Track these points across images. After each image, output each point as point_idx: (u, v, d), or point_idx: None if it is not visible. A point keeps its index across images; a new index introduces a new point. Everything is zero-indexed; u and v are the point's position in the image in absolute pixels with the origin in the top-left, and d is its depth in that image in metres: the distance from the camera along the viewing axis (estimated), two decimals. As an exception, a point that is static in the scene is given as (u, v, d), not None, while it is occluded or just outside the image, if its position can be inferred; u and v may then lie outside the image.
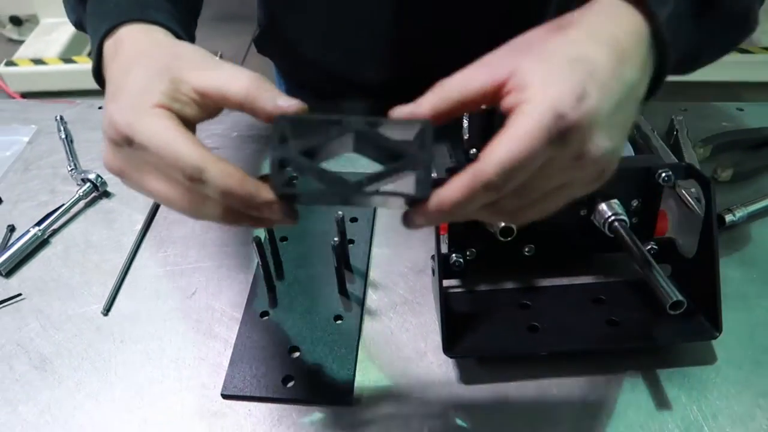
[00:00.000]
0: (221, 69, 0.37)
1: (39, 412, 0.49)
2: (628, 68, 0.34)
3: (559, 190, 0.35)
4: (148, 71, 0.37)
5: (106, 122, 0.37)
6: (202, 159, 0.34)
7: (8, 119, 0.81)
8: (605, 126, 0.32)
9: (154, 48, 0.41)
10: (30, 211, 0.67)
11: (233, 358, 0.52)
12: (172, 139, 0.34)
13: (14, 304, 0.57)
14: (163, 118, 0.35)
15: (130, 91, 0.37)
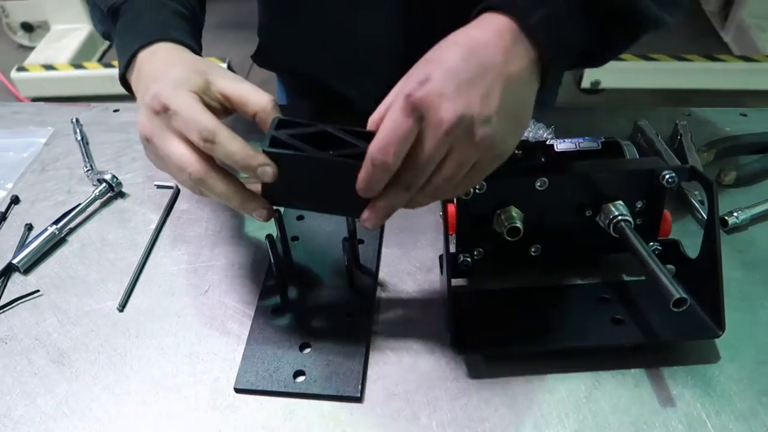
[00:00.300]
0: (245, 83, 0.48)
1: (57, 404, 0.50)
2: (482, 54, 0.42)
3: (458, 166, 0.43)
4: (187, 69, 0.48)
5: (149, 96, 0.46)
6: (216, 126, 0.44)
7: (25, 121, 0.83)
8: (453, 97, 0.41)
9: (187, 56, 0.52)
10: (47, 210, 0.69)
11: (246, 354, 0.53)
12: (198, 110, 0.45)
13: (32, 300, 0.59)
14: (195, 97, 0.46)
15: (172, 78, 0.47)
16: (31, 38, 2.91)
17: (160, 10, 0.56)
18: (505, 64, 0.43)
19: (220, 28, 2.84)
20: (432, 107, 0.41)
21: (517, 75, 0.43)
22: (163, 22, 0.55)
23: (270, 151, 0.43)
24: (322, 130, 0.44)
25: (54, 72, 2.57)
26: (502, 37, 0.43)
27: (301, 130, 0.44)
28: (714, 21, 2.91)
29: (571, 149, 0.59)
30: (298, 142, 0.44)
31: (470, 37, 0.44)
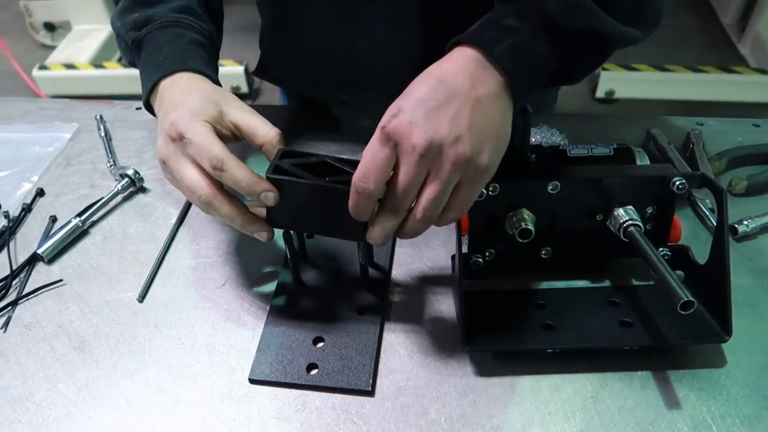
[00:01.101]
0: (255, 116, 0.54)
1: (77, 389, 0.52)
2: (450, 83, 0.46)
3: (441, 187, 0.45)
4: (203, 99, 0.53)
5: (167, 123, 0.52)
6: (226, 155, 0.49)
7: (51, 117, 0.85)
8: (422, 124, 0.44)
9: (204, 85, 0.57)
10: (71, 203, 0.71)
11: (261, 346, 0.54)
12: (210, 140, 0.50)
13: (56, 289, 0.61)
14: (208, 127, 0.51)
15: (189, 107, 0.52)
16: (53, 38, 2.96)
17: (178, 41, 0.60)
18: (472, 89, 0.46)
19: (238, 31, 2.87)
20: (404, 135, 0.44)
21: (485, 96, 0.46)
22: (182, 52, 0.60)
23: (272, 178, 0.49)
24: (322, 160, 0.50)
25: (74, 71, 2.61)
26: (469, 65, 0.47)
27: (303, 159, 0.50)
28: (731, 33, 2.90)
29: (584, 155, 0.60)
30: (298, 170, 0.49)
31: (441, 69, 0.47)
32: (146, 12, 0.63)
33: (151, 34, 0.61)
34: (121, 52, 0.67)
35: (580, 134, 0.66)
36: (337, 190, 0.47)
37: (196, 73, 0.58)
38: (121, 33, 0.64)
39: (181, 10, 0.64)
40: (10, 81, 2.75)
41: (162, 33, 0.61)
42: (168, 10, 0.63)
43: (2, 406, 0.51)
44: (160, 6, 0.63)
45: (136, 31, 0.62)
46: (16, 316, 0.58)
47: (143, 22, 0.62)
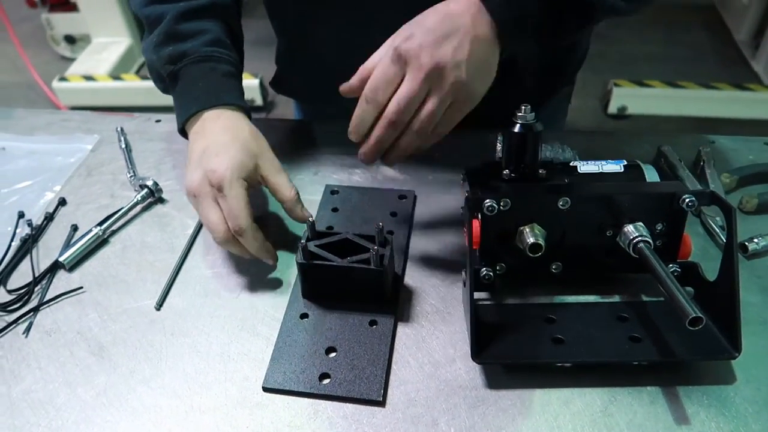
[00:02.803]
0: (281, 175, 0.63)
1: (96, 394, 0.53)
2: (455, 19, 0.55)
3: (437, 104, 0.55)
4: (244, 151, 0.61)
5: (209, 167, 0.59)
6: (248, 225, 0.58)
7: (73, 129, 0.87)
8: (430, 48, 0.54)
9: (243, 130, 0.64)
10: (91, 213, 0.73)
11: (274, 355, 0.55)
12: (241, 206, 0.58)
13: (76, 296, 0.63)
14: (243, 187, 0.59)
15: (231, 160, 0.59)
16: (72, 50, 3.02)
17: (211, 75, 0.66)
18: (472, 27, 0.55)
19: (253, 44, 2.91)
20: (414, 56, 0.54)
21: (482, 36, 0.55)
22: (217, 87, 0.65)
23: (302, 263, 0.57)
24: (343, 237, 0.58)
25: (93, 83, 2.67)
26: (471, 8, 0.56)
27: (327, 240, 0.58)
28: (745, 50, 2.90)
29: (594, 171, 0.61)
30: (322, 251, 0.57)
31: (447, 6, 0.56)
32: (179, 47, 0.66)
33: (186, 68, 0.66)
34: (154, 80, 0.72)
35: (590, 151, 0.67)
36: (359, 269, 0.56)
37: (231, 108, 0.65)
38: (157, 66, 0.68)
39: (211, 44, 0.67)
40: (30, 92, 2.81)
41: (196, 67, 0.66)
42: (200, 44, 0.67)
43: (23, 409, 0.52)
44: (192, 41, 0.67)
45: (171, 65, 0.67)
46: (38, 321, 0.60)
47: (177, 56, 0.66)
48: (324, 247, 0.58)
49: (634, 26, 2.98)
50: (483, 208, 0.54)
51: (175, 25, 0.67)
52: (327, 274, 0.58)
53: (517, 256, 0.57)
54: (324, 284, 0.59)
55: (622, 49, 2.91)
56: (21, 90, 2.86)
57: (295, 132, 0.86)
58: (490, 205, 0.54)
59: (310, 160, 0.80)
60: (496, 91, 0.70)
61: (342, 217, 0.70)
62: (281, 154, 0.81)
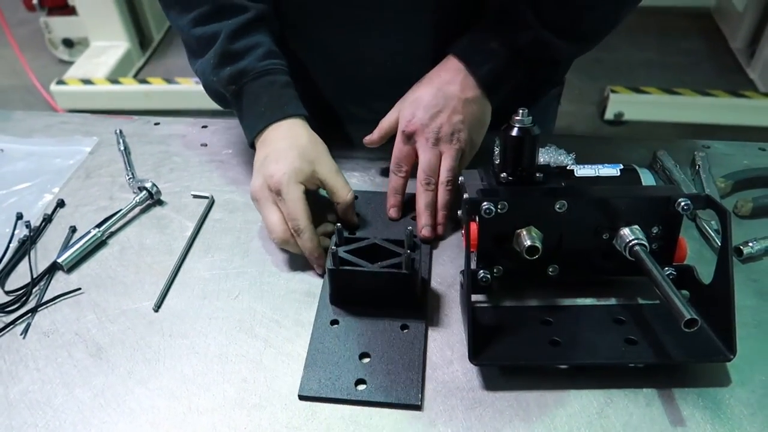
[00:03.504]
0: (338, 177, 0.67)
1: (93, 395, 0.53)
2: (446, 90, 0.68)
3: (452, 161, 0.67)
4: (301, 157, 0.65)
5: (268, 172, 0.63)
6: (306, 226, 0.62)
7: (72, 131, 0.88)
8: (430, 122, 0.67)
9: (302, 137, 0.67)
10: (90, 214, 0.73)
11: (308, 362, 0.55)
12: (299, 207, 0.62)
13: (74, 297, 0.63)
14: (301, 190, 0.63)
15: (289, 166, 0.63)
16: (71, 53, 3.03)
17: (272, 90, 0.69)
18: (462, 92, 0.68)
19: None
20: (419, 133, 0.68)
21: (472, 98, 0.68)
22: (279, 100, 0.69)
23: (332, 269, 0.58)
24: (372, 243, 0.59)
25: (91, 86, 2.67)
26: (458, 75, 0.68)
27: (356, 245, 0.59)
28: (740, 58, 2.92)
29: (591, 175, 0.61)
30: (352, 257, 0.58)
31: (440, 78, 0.69)
32: (237, 66, 0.69)
33: (248, 85, 0.69)
34: (213, 99, 0.75)
35: (587, 155, 0.68)
36: (388, 273, 0.57)
37: (293, 118, 0.69)
38: (217, 87, 0.71)
39: (266, 57, 0.70)
40: (28, 95, 2.81)
41: (257, 84, 0.69)
42: (256, 60, 0.69)
43: (21, 410, 0.52)
44: (248, 58, 0.69)
45: (233, 85, 0.69)
46: (36, 323, 0.60)
47: (237, 75, 0.69)
48: (353, 252, 0.58)
49: (630, 34, 3.00)
50: (480, 211, 0.54)
51: (228, 45, 0.68)
52: (357, 280, 0.58)
53: (514, 258, 0.57)
54: (354, 290, 0.59)
55: (618, 56, 2.93)
56: (19, 93, 2.86)
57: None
58: (488, 207, 0.54)
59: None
60: None
61: (364, 222, 0.70)
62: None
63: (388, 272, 0.57)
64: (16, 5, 2.96)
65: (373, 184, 0.77)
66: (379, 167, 0.79)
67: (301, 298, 0.62)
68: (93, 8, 2.82)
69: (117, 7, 2.83)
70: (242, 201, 0.74)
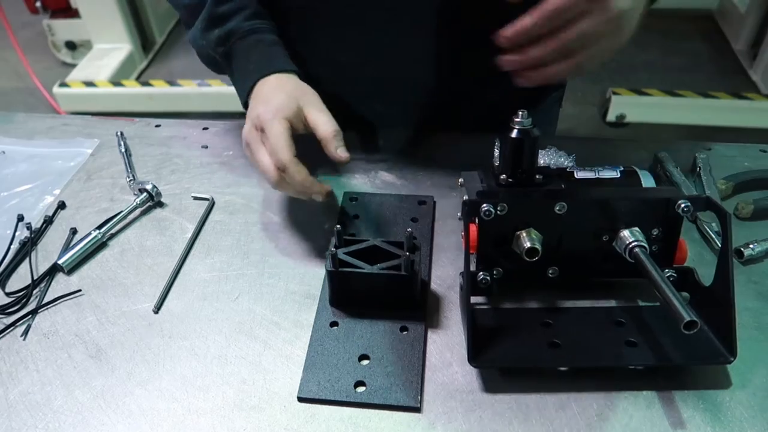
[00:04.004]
0: (322, 114, 0.63)
1: (93, 396, 0.53)
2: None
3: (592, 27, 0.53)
4: (287, 96, 0.64)
5: (255, 113, 0.62)
6: (289, 160, 0.60)
7: (74, 133, 0.88)
8: None
9: (289, 84, 0.66)
10: (90, 216, 0.73)
11: (307, 364, 0.55)
12: (282, 141, 0.60)
13: (74, 299, 0.63)
14: (284, 126, 0.61)
15: (274, 103, 0.62)
16: (73, 56, 3.03)
17: (259, 47, 0.70)
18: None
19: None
20: None
21: None
22: (267, 56, 0.69)
23: (332, 271, 0.57)
24: (371, 245, 0.59)
25: (93, 89, 2.67)
26: None
27: (355, 247, 0.59)
28: (742, 59, 2.91)
29: (591, 177, 0.61)
30: (351, 259, 0.57)
31: None
32: (224, 28, 0.70)
33: (236, 45, 0.70)
34: (208, 65, 0.76)
35: (588, 157, 0.68)
36: (388, 276, 0.57)
37: (282, 72, 0.68)
38: (208, 50, 0.72)
39: (252, 17, 0.71)
40: (31, 97, 2.82)
41: (245, 42, 0.70)
42: (242, 20, 0.70)
43: (20, 411, 0.52)
44: (234, 20, 0.70)
45: (222, 46, 0.71)
46: (36, 324, 0.60)
47: (225, 37, 0.70)
48: (352, 254, 0.58)
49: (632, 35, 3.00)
50: (480, 213, 0.54)
51: (215, 8, 0.70)
52: (357, 282, 0.58)
53: (513, 260, 0.57)
54: (353, 292, 0.59)
55: (620, 57, 2.92)
56: (21, 95, 2.87)
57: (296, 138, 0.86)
58: (488, 209, 0.54)
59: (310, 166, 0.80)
60: (494, 93, 0.71)
61: (364, 224, 0.70)
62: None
63: (388, 274, 0.57)
64: (19, 8, 2.97)
65: (373, 185, 0.77)
66: (379, 169, 0.79)
67: (300, 299, 0.62)
68: (96, 11, 2.83)
69: (120, 9, 2.84)
70: (242, 203, 0.74)
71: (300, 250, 0.67)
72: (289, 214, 0.72)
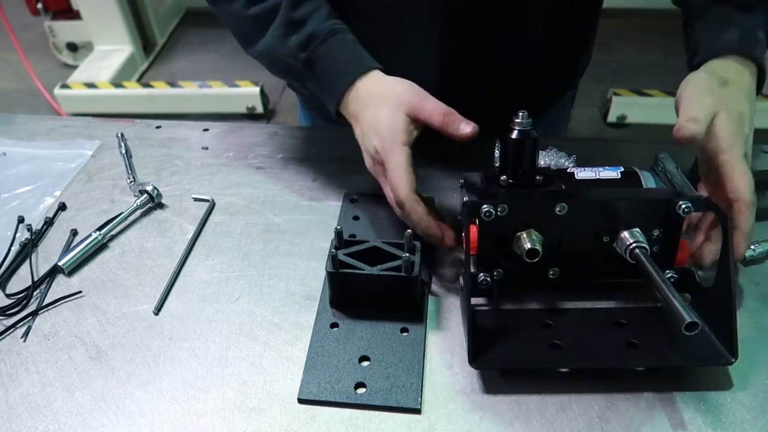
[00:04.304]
0: (425, 106, 0.60)
1: (93, 398, 0.53)
2: (753, 103, 0.60)
3: None
4: (390, 110, 0.61)
5: (371, 148, 0.61)
6: (405, 196, 0.58)
7: (74, 134, 0.88)
8: None
9: (388, 88, 0.63)
10: (91, 217, 0.73)
11: (307, 366, 0.55)
12: (399, 177, 0.59)
13: (75, 300, 0.63)
14: (401, 158, 0.59)
15: (384, 129, 0.60)
16: (75, 57, 3.04)
17: (345, 46, 0.66)
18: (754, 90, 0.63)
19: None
20: None
21: None
22: (355, 56, 0.66)
23: (332, 272, 0.57)
24: (372, 245, 0.58)
25: (94, 90, 2.68)
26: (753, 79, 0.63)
27: (355, 248, 0.58)
28: (743, 60, 2.91)
29: (591, 177, 0.61)
30: (352, 260, 0.57)
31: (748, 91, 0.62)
32: (303, 33, 0.66)
33: (318, 49, 0.66)
34: (285, 76, 0.73)
35: (588, 157, 0.68)
36: (389, 277, 0.57)
37: (374, 70, 0.65)
38: (287, 59, 0.68)
39: (329, 17, 0.67)
40: (32, 99, 2.82)
41: (328, 44, 0.66)
42: (321, 22, 0.67)
43: (20, 413, 0.52)
44: (311, 23, 0.67)
45: (303, 52, 0.66)
46: (36, 326, 0.60)
47: (306, 41, 0.66)
48: (352, 255, 0.58)
49: (633, 36, 3.00)
50: (480, 214, 0.54)
51: (291, 13, 0.67)
52: (357, 283, 0.58)
53: (514, 261, 0.57)
54: (353, 293, 0.59)
55: (621, 58, 2.92)
56: (22, 97, 2.87)
57: (297, 139, 0.87)
58: (488, 210, 0.54)
59: (310, 167, 0.80)
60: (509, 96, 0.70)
61: (364, 225, 0.70)
62: (282, 160, 0.82)
63: (388, 275, 0.57)
64: (20, 10, 2.98)
65: (373, 187, 0.76)
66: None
67: (300, 301, 0.62)
68: (97, 13, 2.84)
69: (121, 11, 2.84)
70: (243, 204, 0.74)
71: (300, 251, 0.67)
72: (289, 215, 0.72)
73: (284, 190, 0.76)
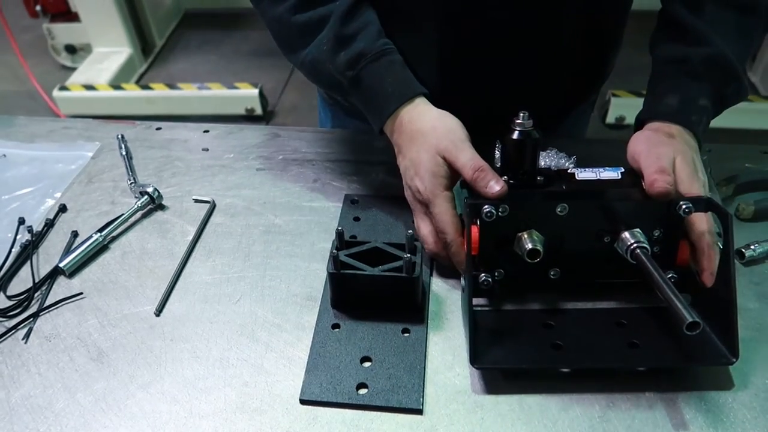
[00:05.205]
0: (460, 157, 0.60)
1: (95, 399, 0.53)
2: (699, 157, 0.63)
3: None
4: (430, 155, 0.61)
5: (413, 186, 0.62)
6: (454, 239, 0.59)
7: (75, 136, 0.88)
8: None
9: (425, 127, 0.63)
10: (92, 219, 0.73)
11: (309, 366, 0.55)
12: (447, 219, 0.60)
13: (76, 301, 0.63)
14: (447, 204, 0.60)
15: (426, 173, 0.61)
16: (73, 59, 3.04)
17: (393, 69, 0.66)
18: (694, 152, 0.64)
19: (252, 55, 2.94)
20: None
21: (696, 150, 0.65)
22: (403, 79, 0.66)
23: (333, 273, 0.57)
24: (373, 246, 0.59)
25: (93, 92, 2.68)
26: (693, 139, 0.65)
27: (356, 249, 0.59)
28: (741, 61, 2.92)
29: (592, 178, 0.61)
30: (353, 261, 0.57)
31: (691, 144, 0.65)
32: (353, 49, 0.65)
33: (366, 69, 0.65)
34: (325, 87, 0.74)
35: (588, 158, 0.68)
36: (388, 277, 0.57)
37: (420, 97, 0.66)
38: (333, 74, 0.67)
39: (378, 36, 0.67)
40: (31, 101, 2.82)
41: (377, 65, 0.65)
42: (371, 41, 0.66)
43: (22, 415, 0.52)
44: (362, 40, 0.65)
45: (350, 70, 0.65)
46: (37, 327, 0.60)
47: (355, 59, 0.65)
48: (354, 256, 0.58)
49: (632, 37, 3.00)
50: (482, 214, 0.54)
51: (341, 27, 0.65)
52: (358, 284, 0.58)
53: (515, 262, 0.57)
54: (355, 294, 0.59)
55: (620, 59, 2.92)
56: (21, 99, 2.87)
57: (298, 141, 0.87)
58: (489, 211, 0.54)
59: (311, 168, 0.80)
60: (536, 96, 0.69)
61: (365, 226, 0.70)
62: (283, 161, 0.82)
63: (389, 276, 0.57)
64: (19, 12, 2.98)
65: (373, 188, 0.77)
66: (380, 171, 0.79)
67: (302, 302, 0.62)
68: (95, 14, 2.84)
69: (119, 13, 2.84)
70: (243, 205, 0.74)
71: (301, 252, 0.67)
72: (290, 216, 0.72)
73: (285, 192, 0.76)
